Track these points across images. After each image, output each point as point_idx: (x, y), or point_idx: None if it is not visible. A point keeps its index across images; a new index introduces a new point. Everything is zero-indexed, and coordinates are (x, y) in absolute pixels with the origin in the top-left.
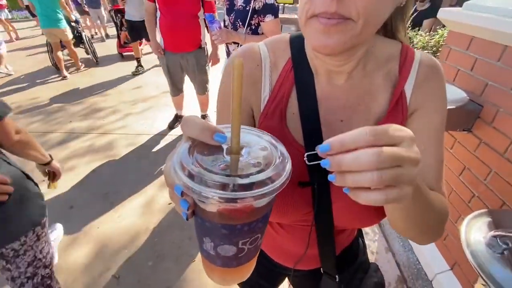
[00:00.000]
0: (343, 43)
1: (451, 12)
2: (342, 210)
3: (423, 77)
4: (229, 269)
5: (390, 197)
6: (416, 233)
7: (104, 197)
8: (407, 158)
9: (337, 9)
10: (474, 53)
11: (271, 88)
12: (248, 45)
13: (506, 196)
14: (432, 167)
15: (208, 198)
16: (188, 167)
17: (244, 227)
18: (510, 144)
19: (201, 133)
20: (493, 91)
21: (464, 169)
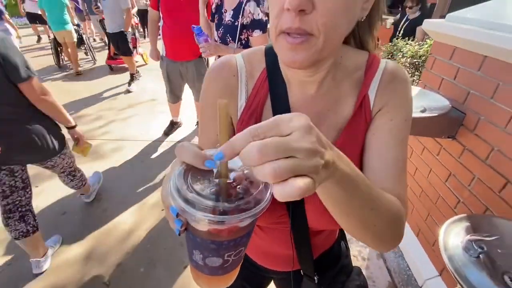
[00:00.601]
0: (309, 58)
1: (434, 23)
2: (315, 212)
3: (386, 82)
4: (215, 277)
5: (295, 188)
6: (364, 234)
7: (98, 203)
8: (297, 148)
9: (300, 25)
10: (457, 63)
11: (247, 97)
12: (225, 56)
13: (488, 202)
14: (391, 164)
15: (200, 220)
16: (183, 192)
17: (230, 242)
18: (491, 151)
19: (193, 159)
20: (474, 99)
21: (450, 175)
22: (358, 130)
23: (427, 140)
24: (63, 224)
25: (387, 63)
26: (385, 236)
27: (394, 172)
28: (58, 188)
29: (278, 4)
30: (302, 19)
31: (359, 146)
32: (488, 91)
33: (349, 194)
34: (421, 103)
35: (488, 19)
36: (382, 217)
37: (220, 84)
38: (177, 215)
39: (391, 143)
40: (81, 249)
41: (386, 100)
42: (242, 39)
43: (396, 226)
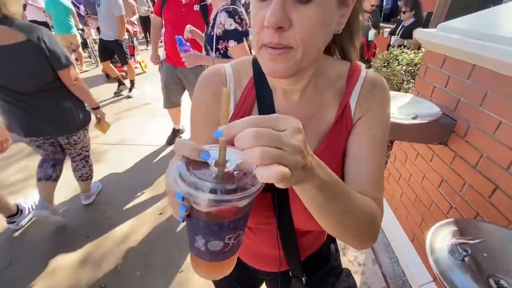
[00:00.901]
0: (289, 69)
1: (426, 33)
2: (301, 213)
3: (366, 90)
4: (215, 263)
5: (276, 172)
6: (342, 233)
7: (96, 206)
8: (286, 142)
9: (279, 40)
10: (448, 71)
11: (236, 103)
12: (215, 66)
13: (479, 207)
14: (369, 171)
15: (203, 201)
16: (187, 178)
17: (230, 224)
18: (481, 157)
19: (190, 152)
20: (464, 107)
21: (442, 181)
22: (340, 136)
23: (420, 147)
24: (61, 227)
25: (367, 73)
26: (361, 236)
27: (371, 177)
28: (57, 191)
29: (258, 21)
30: (280, 35)
31: (340, 151)
32: (477, 99)
33: (328, 198)
34: (413, 110)
35: (476, 29)
36: (357, 219)
37: (210, 91)
38: (182, 199)
39: (369, 151)
40: (78, 252)
41: (366, 110)
42: (219, 49)
43: (371, 226)
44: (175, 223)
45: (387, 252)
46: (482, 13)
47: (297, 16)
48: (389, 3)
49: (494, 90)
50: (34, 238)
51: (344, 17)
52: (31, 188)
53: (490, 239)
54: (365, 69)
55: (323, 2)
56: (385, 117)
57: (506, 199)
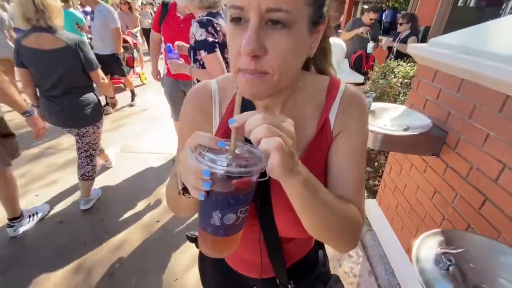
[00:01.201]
0: (266, 92)
1: (418, 47)
2: (283, 221)
3: (345, 105)
4: (226, 239)
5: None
6: (322, 232)
7: (95, 213)
8: (285, 128)
9: (255, 67)
10: (439, 85)
11: (221, 117)
12: (203, 82)
13: (470, 219)
14: (351, 181)
15: (231, 173)
16: (219, 158)
17: (243, 197)
18: (471, 169)
19: (209, 142)
20: (455, 119)
21: (435, 192)
22: (321, 149)
23: (414, 158)
24: (59, 233)
25: (346, 88)
26: (341, 237)
27: (352, 188)
28: (57, 196)
29: (234, 48)
30: (256, 62)
31: (321, 164)
32: (466, 112)
33: (310, 194)
34: (405, 121)
35: (465, 44)
36: (337, 217)
37: (196, 106)
38: (210, 174)
39: (349, 164)
40: (74, 258)
41: (345, 125)
42: (198, 59)
43: (351, 229)
44: (172, 231)
45: (383, 264)
46: (472, 29)
47: (272, 44)
48: (389, 17)
49: (482, 104)
50: (32, 243)
51: (315, 41)
52: (32, 194)
53: (476, 250)
54: (344, 84)
55: (295, 30)
56: (363, 132)
57: (495, 211)
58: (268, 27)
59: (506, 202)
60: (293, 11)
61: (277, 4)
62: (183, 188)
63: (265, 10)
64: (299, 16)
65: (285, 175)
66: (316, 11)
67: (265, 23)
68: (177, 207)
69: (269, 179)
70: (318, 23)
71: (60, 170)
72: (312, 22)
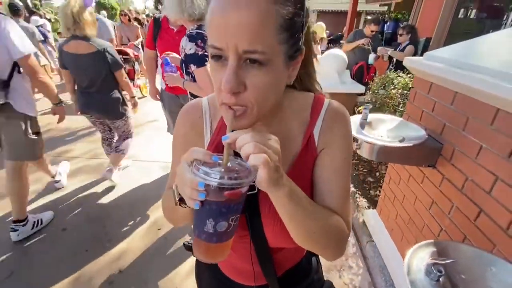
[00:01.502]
0: (248, 123)
1: (414, 61)
2: (272, 232)
3: (328, 121)
4: (219, 245)
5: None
6: (308, 241)
7: (98, 221)
8: (271, 145)
9: (235, 102)
10: (434, 97)
11: (212, 133)
12: (195, 100)
13: (466, 230)
14: (336, 194)
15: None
16: (212, 172)
17: (234, 206)
18: (466, 180)
19: (204, 156)
20: (449, 131)
21: (433, 203)
22: (306, 164)
23: (412, 168)
24: (62, 240)
25: (330, 104)
26: (326, 245)
27: (337, 200)
28: (61, 203)
29: (216, 83)
30: (236, 97)
31: (308, 177)
32: (460, 124)
33: (295, 205)
34: (401, 133)
35: (457, 58)
36: (322, 227)
37: (188, 123)
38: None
39: (334, 178)
40: (76, 265)
41: (329, 141)
42: (190, 73)
43: (337, 238)
44: (173, 240)
45: (383, 275)
46: (465, 43)
47: (250, 81)
48: (390, 28)
49: (474, 116)
50: (35, 249)
51: (294, 71)
52: (40, 199)
53: (466, 261)
54: (328, 100)
55: (272, 67)
56: (347, 147)
57: (490, 223)
58: (246, 64)
59: (500, 214)
60: (268, 51)
61: (253, 46)
62: (179, 199)
63: (242, 51)
64: (274, 54)
65: (271, 187)
66: (291, 47)
67: (243, 61)
68: (173, 217)
69: (258, 192)
70: (295, 57)
71: (68, 177)
72: (288, 57)
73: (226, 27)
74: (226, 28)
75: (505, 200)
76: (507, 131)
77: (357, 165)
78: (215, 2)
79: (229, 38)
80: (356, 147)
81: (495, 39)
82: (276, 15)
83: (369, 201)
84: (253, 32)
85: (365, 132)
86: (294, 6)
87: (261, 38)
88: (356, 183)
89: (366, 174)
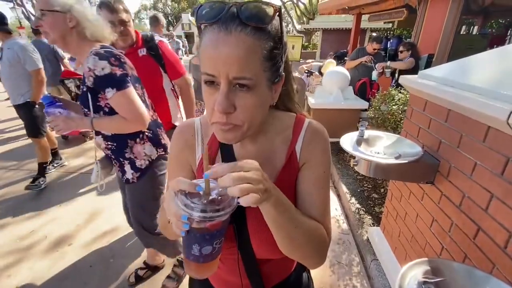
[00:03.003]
0: (236, 138)
1: (408, 79)
2: (259, 242)
3: (308, 138)
4: (206, 264)
5: (251, 198)
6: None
7: (102, 236)
8: (252, 178)
9: (227, 120)
10: (429, 114)
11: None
12: (188, 120)
13: (466, 249)
14: (317, 205)
15: (201, 218)
16: (193, 205)
17: (217, 232)
18: (463, 197)
19: (188, 187)
20: (445, 148)
21: (433, 220)
22: (289, 177)
23: (412, 185)
24: (66, 254)
25: (310, 123)
26: (309, 254)
27: (318, 210)
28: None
29: (209, 104)
30: (228, 117)
31: (291, 190)
32: (455, 141)
33: (279, 213)
34: (397, 149)
35: (449, 77)
36: (304, 234)
37: (181, 141)
38: (187, 219)
39: (315, 190)
40: (80, 280)
41: (309, 157)
42: (102, 106)
43: (318, 246)
44: None
45: None
46: (458, 62)
47: (240, 103)
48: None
49: (468, 133)
50: (41, 265)
51: (276, 93)
52: None
53: (461, 280)
54: (307, 120)
55: (258, 90)
56: (326, 162)
57: (488, 241)
58: (236, 89)
59: (497, 232)
60: (254, 77)
61: (241, 73)
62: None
63: (232, 78)
64: (259, 80)
65: (257, 204)
66: (273, 74)
67: (233, 86)
68: (167, 232)
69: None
70: (276, 82)
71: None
72: (271, 82)
73: (218, 58)
74: (218, 59)
75: (502, 217)
76: (498, 149)
77: (361, 181)
78: (209, 36)
79: (221, 67)
80: (354, 164)
81: (486, 57)
82: (260, 49)
83: (373, 218)
84: (241, 63)
85: (361, 149)
86: (274, 42)
87: (248, 67)
88: (361, 199)
89: (371, 190)
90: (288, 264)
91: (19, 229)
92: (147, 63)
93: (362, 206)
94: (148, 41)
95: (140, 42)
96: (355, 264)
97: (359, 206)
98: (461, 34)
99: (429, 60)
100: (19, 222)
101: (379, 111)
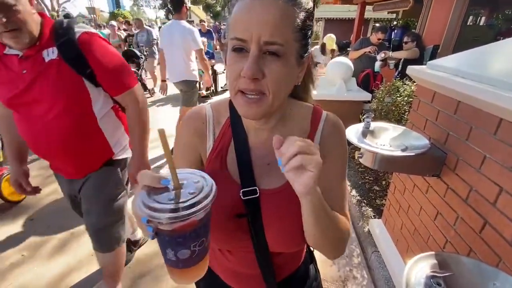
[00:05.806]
0: (261, 112)
1: (417, 69)
2: (273, 235)
3: (327, 131)
4: (188, 269)
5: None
6: (323, 240)
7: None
8: (312, 158)
9: (254, 87)
10: (437, 106)
11: (214, 139)
12: (197, 107)
13: (471, 242)
14: (337, 197)
15: (165, 220)
16: (150, 204)
17: (192, 233)
18: (470, 191)
19: (151, 181)
20: (453, 140)
21: (437, 213)
22: None
23: (417, 178)
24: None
25: (327, 116)
26: (335, 244)
27: (340, 203)
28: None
29: (235, 71)
30: (255, 83)
31: None
32: (464, 133)
33: (322, 209)
34: (404, 142)
35: (460, 68)
36: (335, 228)
37: (191, 128)
38: (147, 221)
39: (336, 183)
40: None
41: (328, 150)
42: None
43: (344, 237)
44: None
45: (388, 287)
46: (468, 52)
47: (268, 70)
48: (398, 36)
49: (478, 126)
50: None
51: (302, 72)
52: None
53: (469, 275)
54: (325, 112)
55: (287, 60)
56: (344, 155)
57: (495, 235)
58: (265, 56)
59: (505, 226)
60: (285, 44)
61: (273, 38)
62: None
63: (263, 42)
64: (289, 49)
65: (309, 193)
66: (302, 47)
67: (263, 53)
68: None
69: (259, 196)
70: (304, 56)
71: None
72: (299, 55)
73: (251, 21)
74: (251, 22)
75: (511, 211)
76: (511, 141)
77: (363, 174)
78: (243, 1)
79: (254, 29)
80: (359, 156)
81: (498, 48)
82: (293, 17)
83: (374, 210)
84: (274, 26)
85: (367, 141)
86: (306, 13)
87: (280, 32)
88: (362, 192)
89: (372, 183)
90: (297, 256)
91: None
92: (61, 74)
93: (364, 198)
94: (60, 35)
95: (47, 36)
96: (356, 255)
97: (360, 198)
98: (468, 25)
99: (434, 52)
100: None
101: (382, 102)
